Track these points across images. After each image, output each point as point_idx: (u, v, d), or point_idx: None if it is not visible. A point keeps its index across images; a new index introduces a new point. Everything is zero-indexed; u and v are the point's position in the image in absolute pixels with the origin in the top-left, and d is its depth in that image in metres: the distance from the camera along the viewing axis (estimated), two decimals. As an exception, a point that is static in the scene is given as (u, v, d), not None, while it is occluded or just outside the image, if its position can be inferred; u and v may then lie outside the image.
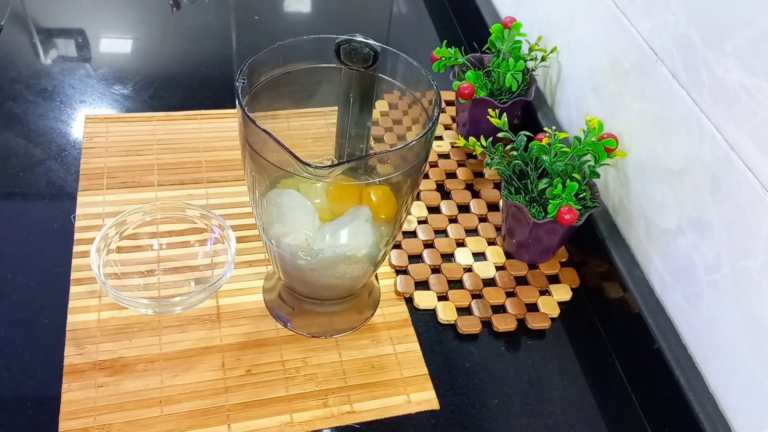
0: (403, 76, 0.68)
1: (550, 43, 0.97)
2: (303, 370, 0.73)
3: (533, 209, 0.81)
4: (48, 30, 1.14)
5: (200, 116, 1.00)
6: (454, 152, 1.01)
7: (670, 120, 0.72)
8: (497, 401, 0.73)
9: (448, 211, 0.92)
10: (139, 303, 0.72)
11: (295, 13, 1.32)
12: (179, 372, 0.71)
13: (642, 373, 0.75)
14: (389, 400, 0.71)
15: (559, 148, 0.81)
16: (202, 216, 0.81)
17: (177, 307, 0.73)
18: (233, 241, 0.77)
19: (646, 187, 0.77)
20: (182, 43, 1.16)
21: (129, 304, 0.72)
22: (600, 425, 0.72)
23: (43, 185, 0.87)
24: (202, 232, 0.81)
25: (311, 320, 0.76)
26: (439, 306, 0.80)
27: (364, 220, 0.67)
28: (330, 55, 0.67)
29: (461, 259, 0.86)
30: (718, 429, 0.65)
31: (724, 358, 0.66)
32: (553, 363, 0.77)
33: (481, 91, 0.95)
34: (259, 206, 0.68)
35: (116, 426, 0.66)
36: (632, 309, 0.76)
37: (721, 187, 0.65)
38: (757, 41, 0.60)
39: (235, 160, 0.94)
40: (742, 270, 0.63)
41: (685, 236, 0.71)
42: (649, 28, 0.75)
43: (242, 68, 0.62)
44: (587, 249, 0.85)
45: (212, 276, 0.77)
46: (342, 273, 0.69)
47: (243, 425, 0.67)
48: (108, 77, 1.05)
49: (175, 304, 0.73)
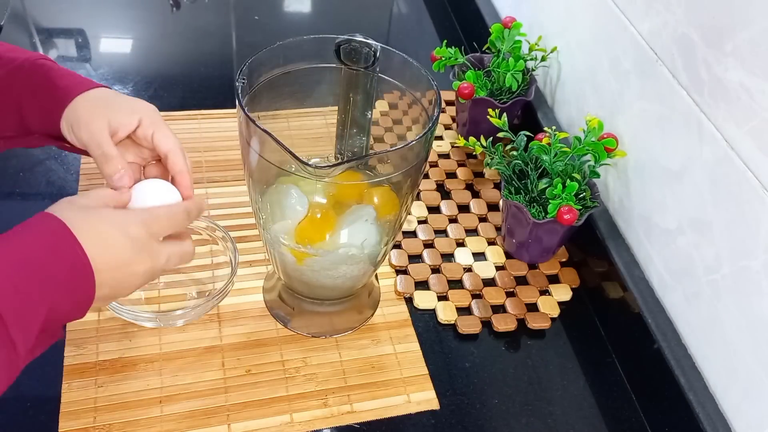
0: (403, 76, 0.68)
1: (550, 43, 0.97)
2: (303, 370, 0.73)
3: (533, 209, 0.81)
4: (48, 30, 1.14)
5: (200, 116, 1.00)
6: (454, 152, 1.01)
7: (670, 120, 0.72)
8: (497, 401, 0.73)
9: (448, 211, 0.92)
10: (140, 317, 0.71)
11: (295, 13, 1.32)
12: (179, 372, 0.71)
13: (642, 373, 0.75)
14: (389, 400, 0.71)
15: (559, 148, 0.81)
16: (207, 228, 0.79)
17: (179, 320, 0.73)
18: (236, 254, 0.76)
19: (646, 187, 0.77)
20: (182, 43, 1.16)
21: (129, 317, 0.71)
22: (600, 425, 0.72)
23: (43, 185, 0.87)
24: (205, 243, 0.80)
25: (311, 320, 0.76)
26: (439, 306, 0.80)
27: (365, 219, 0.67)
28: (330, 55, 0.67)
29: (461, 259, 0.86)
30: (718, 429, 0.65)
31: (724, 358, 0.66)
32: (553, 363, 0.77)
33: (481, 91, 0.95)
34: (259, 206, 0.68)
35: (116, 426, 0.66)
36: (632, 309, 0.76)
37: (721, 187, 0.65)
38: (757, 41, 0.60)
39: (235, 160, 0.94)
40: (742, 270, 0.63)
41: (685, 236, 0.71)
42: (649, 28, 0.75)
43: (242, 68, 0.62)
44: (587, 249, 0.85)
45: (214, 289, 0.77)
46: (342, 273, 0.69)
47: (243, 425, 0.67)
48: (108, 77, 1.05)
49: (176, 318, 0.72)
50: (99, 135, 0.59)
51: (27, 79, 0.63)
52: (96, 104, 0.61)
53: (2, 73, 0.63)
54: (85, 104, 0.61)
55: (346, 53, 0.67)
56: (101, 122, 0.60)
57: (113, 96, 0.63)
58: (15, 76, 0.63)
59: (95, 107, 0.61)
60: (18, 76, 0.63)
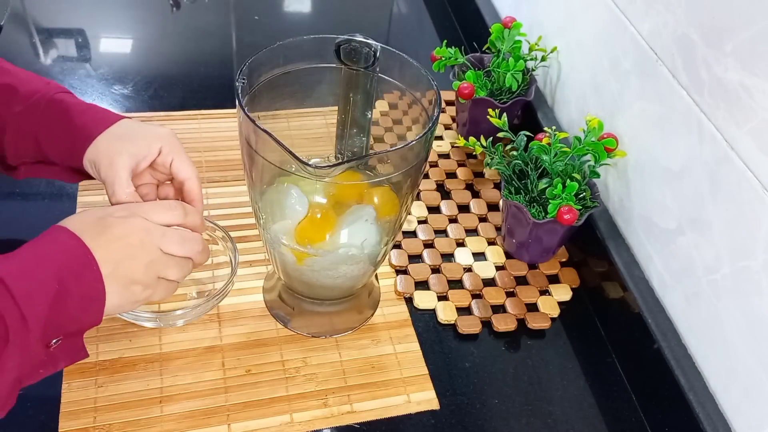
0: (403, 76, 0.68)
1: (550, 43, 0.97)
2: (303, 370, 0.73)
3: (533, 209, 0.81)
4: (48, 30, 1.14)
5: (200, 116, 1.00)
6: (454, 152, 1.01)
7: (670, 120, 0.72)
8: (497, 401, 0.73)
9: (448, 211, 0.92)
10: (140, 317, 0.71)
11: (295, 13, 1.32)
12: (179, 372, 0.71)
13: (642, 373, 0.75)
14: (389, 400, 0.71)
15: (559, 148, 0.81)
16: (207, 227, 0.78)
17: (179, 320, 0.73)
18: (236, 254, 0.76)
19: (646, 187, 0.77)
20: (182, 43, 1.16)
21: (129, 317, 0.71)
22: (600, 425, 0.72)
23: (43, 185, 0.87)
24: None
25: (311, 320, 0.76)
26: (439, 306, 0.80)
27: (365, 219, 0.67)
28: (330, 55, 0.67)
29: (461, 259, 0.86)
30: (718, 429, 0.65)
31: (724, 358, 0.66)
32: (553, 363, 0.77)
33: (481, 91, 0.95)
34: (259, 206, 0.68)
35: (116, 426, 0.66)
36: (632, 309, 0.76)
37: (721, 187, 0.65)
38: (757, 41, 0.60)
39: (235, 160, 0.94)
40: (742, 270, 0.63)
41: (685, 236, 0.71)
42: (649, 28, 0.75)
43: (242, 68, 0.62)
44: (587, 249, 0.85)
45: (214, 289, 0.76)
46: (342, 273, 0.69)
47: (243, 425, 0.67)
48: (108, 77, 1.05)
49: (176, 318, 0.72)
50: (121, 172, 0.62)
51: (44, 117, 0.65)
52: (116, 141, 0.63)
53: (19, 109, 0.65)
54: (106, 144, 0.63)
55: (346, 53, 0.67)
56: (124, 159, 0.62)
57: (132, 128, 0.65)
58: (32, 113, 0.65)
59: (116, 144, 0.63)
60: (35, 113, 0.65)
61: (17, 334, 0.48)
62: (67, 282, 0.50)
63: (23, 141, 0.66)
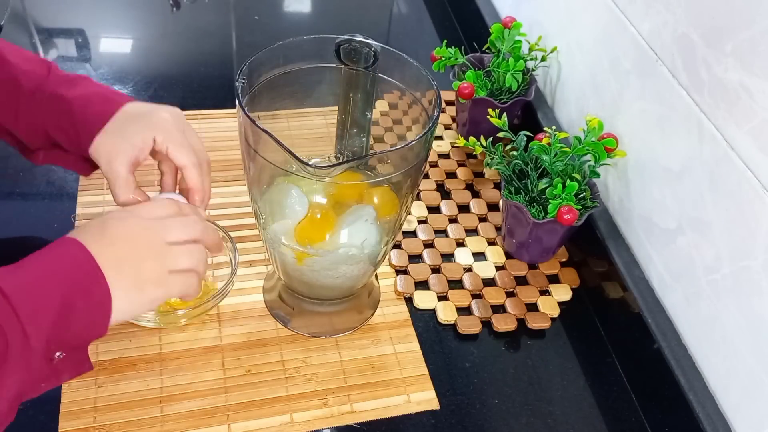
0: (403, 76, 0.68)
1: (550, 43, 0.97)
2: (303, 370, 0.73)
3: (533, 209, 0.81)
4: (48, 30, 1.14)
5: (200, 116, 1.00)
6: (454, 152, 1.01)
7: (670, 120, 0.72)
8: (497, 401, 0.73)
9: (448, 211, 0.92)
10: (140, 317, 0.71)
11: (295, 13, 1.32)
12: (179, 372, 0.71)
13: (642, 373, 0.75)
14: (389, 400, 0.71)
15: (559, 148, 0.81)
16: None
17: (179, 320, 0.73)
18: (236, 254, 0.76)
19: (646, 187, 0.77)
20: (182, 43, 1.16)
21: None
22: (600, 425, 0.72)
23: (43, 185, 0.87)
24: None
25: (311, 320, 0.76)
26: (439, 306, 0.80)
27: (365, 219, 0.67)
28: (330, 55, 0.67)
29: (461, 259, 0.86)
30: (718, 429, 0.65)
31: (724, 358, 0.66)
32: (553, 363, 0.77)
33: (481, 91, 0.95)
34: (259, 206, 0.68)
35: (116, 426, 0.66)
36: (632, 309, 0.76)
37: (721, 187, 0.65)
38: (757, 41, 0.60)
39: (235, 160, 0.94)
40: (742, 270, 0.63)
41: (685, 236, 0.71)
42: (649, 28, 0.75)
43: (242, 68, 0.62)
44: (587, 249, 0.85)
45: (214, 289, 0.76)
46: (342, 273, 0.69)
47: (243, 425, 0.67)
48: (108, 77, 1.05)
49: (176, 318, 0.72)
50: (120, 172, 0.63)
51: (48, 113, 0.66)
52: (113, 138, 0.64)
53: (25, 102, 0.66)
54: (104, 142, 0.64)
55: (346, 53, 0.67)
56: (120, 158, 0.63)
57: (131, 118, 0.65)
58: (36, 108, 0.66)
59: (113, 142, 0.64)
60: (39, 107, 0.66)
61: (18, 350, 0.47)
62: (74, 297, 0.49)
63: (35, 131, 0.67)
